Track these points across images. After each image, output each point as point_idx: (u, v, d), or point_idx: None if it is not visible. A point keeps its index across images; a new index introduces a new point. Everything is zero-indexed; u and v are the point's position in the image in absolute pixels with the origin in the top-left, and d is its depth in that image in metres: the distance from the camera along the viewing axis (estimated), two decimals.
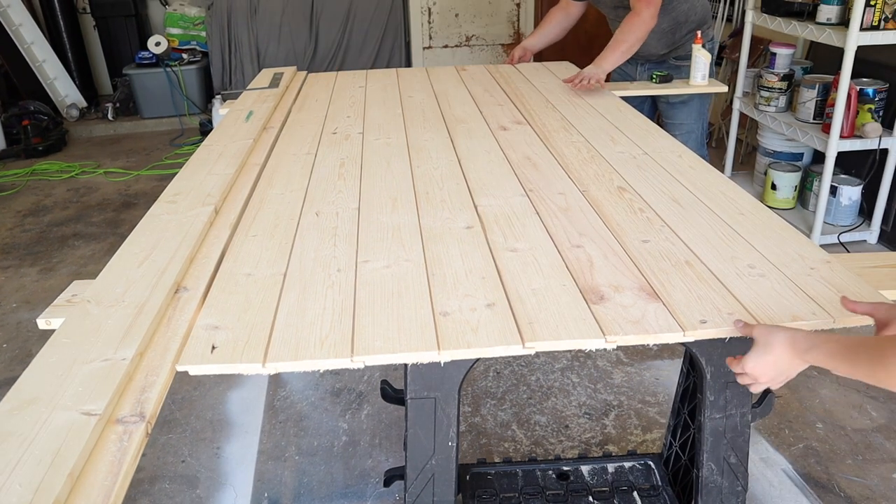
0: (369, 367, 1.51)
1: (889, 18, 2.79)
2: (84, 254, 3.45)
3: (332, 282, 1.20)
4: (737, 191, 1.53)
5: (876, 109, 3.00)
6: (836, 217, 3.24)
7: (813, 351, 0.94)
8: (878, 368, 0.84)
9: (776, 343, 0.97)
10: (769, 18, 3.28)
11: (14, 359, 2.60)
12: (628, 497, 1.54)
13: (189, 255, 1.28)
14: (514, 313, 1.08)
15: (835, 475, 1.95)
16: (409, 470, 1.22)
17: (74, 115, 5.48)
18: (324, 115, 2.24)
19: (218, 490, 1.97)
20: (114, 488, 0.78)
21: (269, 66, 4.07)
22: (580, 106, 2.23)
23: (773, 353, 0.97)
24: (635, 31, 2.41)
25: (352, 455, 2.07)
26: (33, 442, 0.82)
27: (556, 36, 2.91)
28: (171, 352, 1.01)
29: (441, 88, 2.51)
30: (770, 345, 0.98)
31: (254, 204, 1.56)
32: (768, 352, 0.98)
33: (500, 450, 2.08)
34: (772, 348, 0.97)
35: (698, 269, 1.20)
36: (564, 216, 1.43)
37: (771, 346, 0.98)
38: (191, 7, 5.54)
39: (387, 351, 1.01)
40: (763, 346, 0.99)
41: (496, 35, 5.76)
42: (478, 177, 1.66)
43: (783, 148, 3.52)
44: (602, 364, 2.45)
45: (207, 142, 1.95)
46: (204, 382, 2.41)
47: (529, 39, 2.96)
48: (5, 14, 5.16)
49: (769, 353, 0.98)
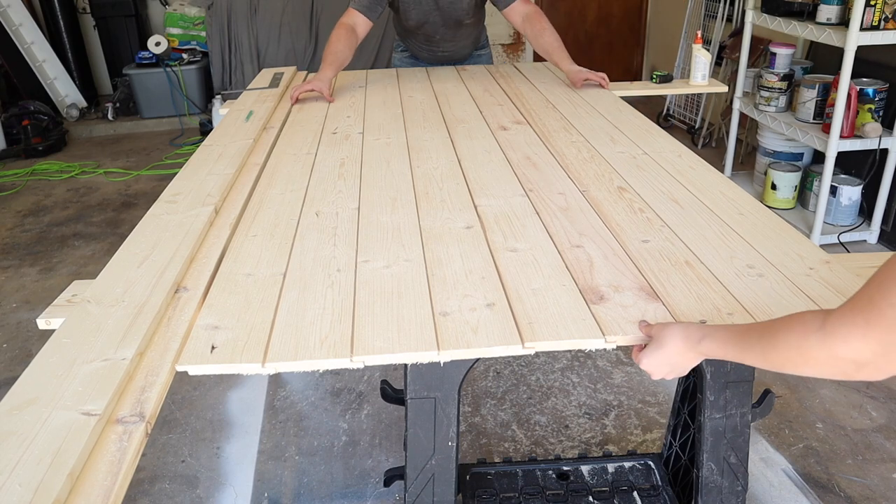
0: (369, 367, 1.51)
1: (889, 18, 2.79)
2: (84, 254, 3.45)
3: (331, 282, 1.20)
4: (736, 191, 1.53)
5: (876, 109, 3.00)
6: (836, 217, 3.24)
7: (705, 341, 0.93)
8: (769, 349, 0.82)
9: (669, 337, 0.97)
10: (769, 18, 3.28)
11: (14, 359, 2.60)
12: (628, 497, 1.54)
13: (189, 255, 1.28)
14: (513, 313, 1.08)
15: (835, 475, 1.95)
16: (409, 470, 1.22)
17: (74, 115, 5.48)
18: (324, 115, 2.24)
19: (218, 490, 1.97)
20: (113, 488, 0.78)
21: (269, 66, 4.07)
22: (580, 106, 2.23)
23: (666, 347, 0.97)
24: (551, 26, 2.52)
25: (352, 455, 2.07)
26: (33, 442, 0.82)
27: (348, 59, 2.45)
28: (170, 352, 1.01)
29: (441, 88, 2.51)
30: (664, 339, 0.98)
31: (254, 204, 1.56)
32: (662, 346, 0.98)
33: (500, 450, 2.08)
34: (665, 343, 0.97)
35: (698, 269, 1.20)
36: (564, 216, 1.43)
37: (665, 341, 0.97)
38: (191, 7, 5.54)
39: (386, 351, 1.01)
40: (657, 342, 0.99)
41: (496, 35, 5.76)
42: (478, 177, 1.66)
43: (783, 148, 3.53)
44: (602, 364, 2.45)
45: (207, 142, 1.95)
46: (204, 382, 2.41)
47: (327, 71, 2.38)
48: (5, 14, 5.16)
49: (662, 347, 0.98)
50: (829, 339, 0.74)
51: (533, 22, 2.49)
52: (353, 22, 2.43)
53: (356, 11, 2.43)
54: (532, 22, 2.49)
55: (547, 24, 2.49)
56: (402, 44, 2.89)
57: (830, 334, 0.74)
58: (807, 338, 0.77)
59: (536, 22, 2.49)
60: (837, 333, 0.73)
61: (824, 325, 0.75)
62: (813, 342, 0.76)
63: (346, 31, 2.41)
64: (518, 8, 2.50)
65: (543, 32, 2.47)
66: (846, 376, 0.75)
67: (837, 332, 0.73)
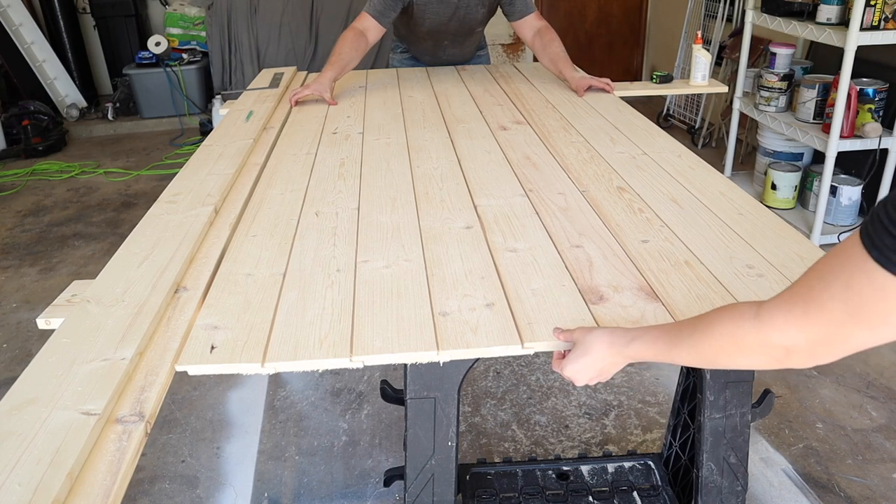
0: (369, 367, 1.51)
1: (889, 18, 2.79)
2: (84, 254, 3.45)
3: (331, 282, 1.20)
4: (736, 191, 1.53)
5: (876, 109, 3.00)
6: (836, 217, 3.24)
7: (633, 344, 0.92)
8: (701, 340, 0.82)
9: (594, 342, 0.96)
10: (769, 18, 3.28)
11: (14, 359, 2.60)
12: (628, 497, 1.54)
13: (189, 255, 1.28)
14: (513, 313, 1.08)
15: (835, 475, 1.95)
16: (409, 470, 1.22)
17: (74, 115, 5.48)
18: (324, 115, 2.24)
19: (218, 490, 1.97)
20: (113, 488, 0.78)
21: (269, 66, 4.07)
22: (580, 106, 2.23)
23: (591, 353, 0.96)
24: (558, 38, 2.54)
25: (352, 455, 2.07)
26: (32, 441, 0.82)
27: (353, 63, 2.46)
28: (170, 351, 1.01)
29: (441, 88, 2.51)
30: (588, 344, 0.96)
31: (254, 204, 1.56)
32: (586, 353, 0.96)
33: (500, 450, 2.08)
34: (590, 348, 0.96)
35: (697, 270, 1.20)
36: (564, 216, 1.43)
37: (589, 346, 0.96)
38: (191, 7, 5.54)
39: (386, 351, 1.01)
40: (582, 348, 0.97)
41: (496, 35, 5.76)
42: (477, 177, 1.66)
43: (783, 148, 3.52)
44: None
45: (207, 142, 1.95)
46: (204, 382, 2.41)
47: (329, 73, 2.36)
48: (5, 14, 5.16)
49: (587, 353, 0.96)
50: (765, 327, 0.74)
51: (543, 35, 2.51)
52: (365, 27, 2.42)
53: (369, 16, 2.42)
54: (542, 35, 2.51)
55: (555, 37, 2.51)
56: (402, 45, 2.89)
57: (767, 322, 0.74)
58: (740, 326, 0.77)
59: (546, 35, 2.51)
60: (774, 322, 0.73)
61: (759, 313, 0.75)
62: (747, 329, 0.76)
63: (355, 36, 2.41)
64: (531, 22, 2.52)
65: (551, 44, 2.49)
66: (775, 363, 0.76)
67: (774, 321, 0.73)
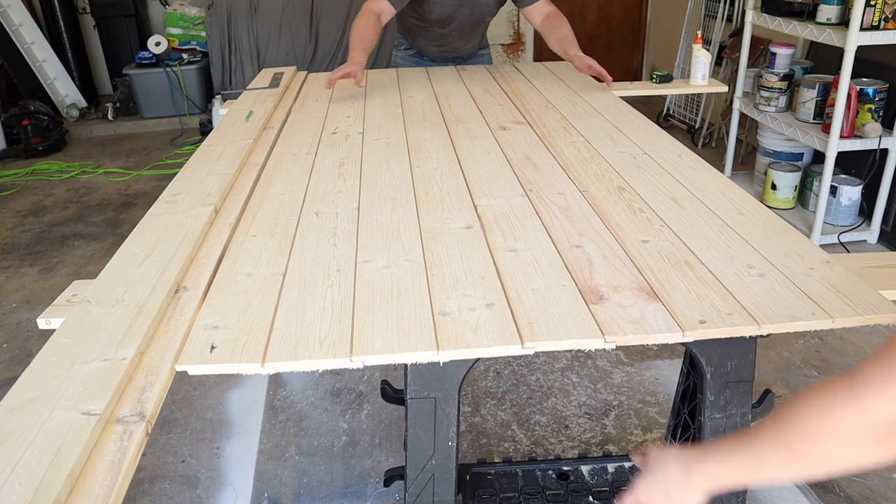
0: (369, 367, 1.51)
1: (889, 18, 2.79)
2: (84, 254, 3.45)
3: (331, 282, 1.20)
4: (736, 191, 1.53)
5: (876, 109, 3.00)
6: (836, 217, 3.24)
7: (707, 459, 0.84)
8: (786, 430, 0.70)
9: (662, 458, 0.91)
10: (769, 18, 3.28)
11: (14, 359, 2.60)
12: None
13: (189, 255, 1.28)
14: (513, 313, 1.08)
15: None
16: (409, 470, 1.22)
17: (74, 115, 5.48)
18: (324, 115, 2.24)
19: (218, 490, 1.97)
20: (114, 488, 0.78)
21: (269, 66, 4.07)
22: (580, 106, 2.23)
23: (663, 472, 0.90)
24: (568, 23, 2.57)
25: (352, 455, 2.07)
26: (33, 442, 0.82)
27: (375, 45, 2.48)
28: (170, 352, 1.01)
29: (441, 88, 2.51)
30: (660, 464, 0.92)
31: (253, 204, 1.56)
32: (657, 471, 0.92)
33: (500, 450, 2.08)
34: (661, 467, 0.91)
35: (698, 270, 1.20)
36: (564, 216, 1.43)
37: (660, 466, 0.91)
38: (191, 7, 5.54)
39: (386, 351, 1.01)
40: (653, 468, 0.93)
41: (496, 35, 5.76)
42: (477, 177, 1.66)
43: (783, 148, 3.53)
44: (602, 364, 2.45)
45: (207, 142, 1.95)
46: (204, 382, 2.41)
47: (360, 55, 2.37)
48: (5, 14, 5.16)
49: (654, 471, 0.92)
50: (861, 394, 0.64)
51: (552, 19, 2.56)
52: (380, 10, 2.46)
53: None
54: (551, 19, 2.56)
55: (564, 20, 2.55)
56: (406, 41, 2.89)
57: (863, 385, 0.64)
58: (833, 398, 0.66)
59: (555, 18, 2.55)
60: (871, 384, 0.63)
61: (853, 380, 0.66)
62: (841, 401, 0.65)
63: (374, 18, 2.44)
64: (541, 7, 2.57)
65: (560, 27, 2.53)
66: (878, 444, 0.64)
67: (871, 384, 0.64)
